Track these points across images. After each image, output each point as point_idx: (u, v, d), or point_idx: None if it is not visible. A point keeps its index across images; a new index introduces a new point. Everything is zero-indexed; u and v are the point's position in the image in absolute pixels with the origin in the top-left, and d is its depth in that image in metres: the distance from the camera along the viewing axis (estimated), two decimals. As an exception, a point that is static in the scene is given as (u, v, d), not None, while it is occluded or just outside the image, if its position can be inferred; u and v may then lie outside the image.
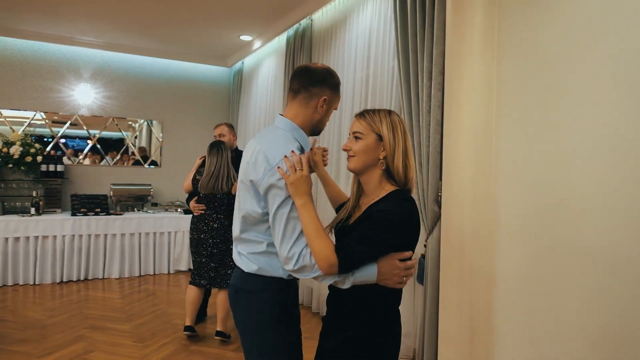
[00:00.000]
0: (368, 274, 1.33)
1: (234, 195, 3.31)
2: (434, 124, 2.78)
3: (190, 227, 3.45)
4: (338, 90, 1.58)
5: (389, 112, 1.44)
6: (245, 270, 1.51)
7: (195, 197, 3.43)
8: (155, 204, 5.89)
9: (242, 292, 1.53)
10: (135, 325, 3.70)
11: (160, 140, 6.25)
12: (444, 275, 2.65)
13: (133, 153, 6.15)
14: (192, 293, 3.38)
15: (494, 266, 2.49)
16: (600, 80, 1.96)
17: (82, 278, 5.06)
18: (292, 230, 1.37)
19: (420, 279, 2.87)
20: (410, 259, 1.40)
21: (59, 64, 5.64)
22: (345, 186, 3.78)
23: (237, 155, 3.72)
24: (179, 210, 5.88)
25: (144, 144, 6.26)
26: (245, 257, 1.53)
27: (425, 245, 2.83)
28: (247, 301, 1.52)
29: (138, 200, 5.85)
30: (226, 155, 3.37)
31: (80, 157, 5.81)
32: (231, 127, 3.82)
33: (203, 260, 3.34)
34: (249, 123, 5.98)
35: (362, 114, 1.44)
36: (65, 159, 5.69)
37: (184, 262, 5.60)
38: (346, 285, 1.35)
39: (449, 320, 2.62)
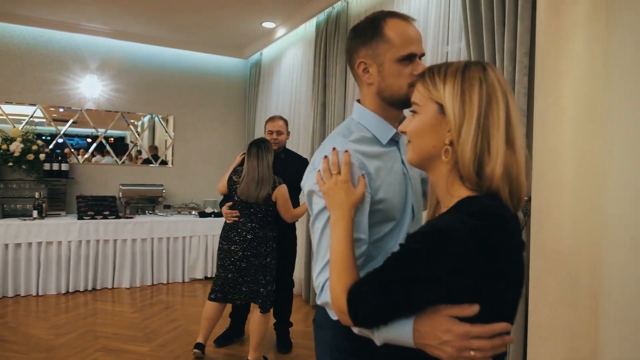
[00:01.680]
0: (400, 332, 0.86)
1: (273, 203, 2.85)
2: (519, 114, 2.34)
3: (221, 235, 2.98)
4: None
5: (467, 65, 0.89)
6: None
7: (230, 203, 2.96)
8: (167, 206, 5.44)
9: (314, 324, 1.25)
10: (155, 346, 3.25)
11: (172, 137, 5.79)
12: (535, 297, 2.21)
13: (139, 152, 5.69)
14: (210, 308, 2.94)
15: (601, 287, 2.05)
16: None
17: (89, 288, 4.60)
18: (324, 250, 1.03)
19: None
20: (486, 321, 0.82)
21: (62, 54, 5.18)
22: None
23: (287, 156, 3.26)
24: (193, 213, 5.43)
25: (145, 142, 5.80)
26: None
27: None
28: (316, 337, 1.24)
29: (149, 202, 5.39)
30: (268, 158, 2.86)
31: (87, 155, 5.35)
32: (287, 123, 3.31)
33: (229, 275, 2.86)
34: (269, 119, 5.52)
35: (423, 74, 0.94)
36: (72, 158, 5.24)
37: (200, 269, 5.15)
38: (377, 341, 0.92)
39: (542, 352, 2.18)
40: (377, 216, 1.08)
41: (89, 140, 5.39)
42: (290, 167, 3.10)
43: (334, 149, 1.05)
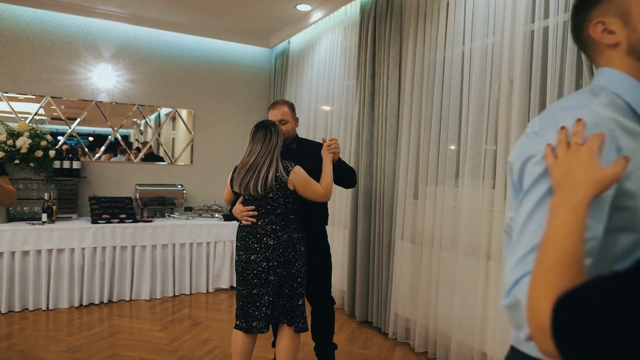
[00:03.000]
0: None
1: (292, 193, 2.28)
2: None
3: (236, 245, 2.38)
4: None
5: None
6: None
7: (240, 198, 2.36)
8: (189, 208, 4.95)
9: None
10: (192, 375, 2.76)
11: (192, 132, 5.30)
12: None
13: (151, 150, 5.17)
14: (238, 340, 2.33)
15: None
16: None
17: (105, 300, 4.11)
18: (531, 233, 0.74)
19: None
20: None
21: (74, 40, 4.69)
22: None
23: (299, 145, 2.68)
24: (217, 215, 4.94)
25: (149, 140, 5.30)
26: None
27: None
28: None
29: (168, 204, 4.91)
30: (275, 141, 2.30)
31: (99, 154, 4.86)
32: (293, 109, 2.71)
33: (254, 292, 2.26)
34: (300, 116, 5.04)
35: None
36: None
37: (225, 278, 4.66)
38: None
39: None
40: (617, 218, 0.75)
41: (91, 138, 4.87)
42: (303, 155, 2.53)
43: (579, 120, 0.76)
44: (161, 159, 5.19)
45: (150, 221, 4.45)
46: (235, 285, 4.66)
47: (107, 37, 4.83)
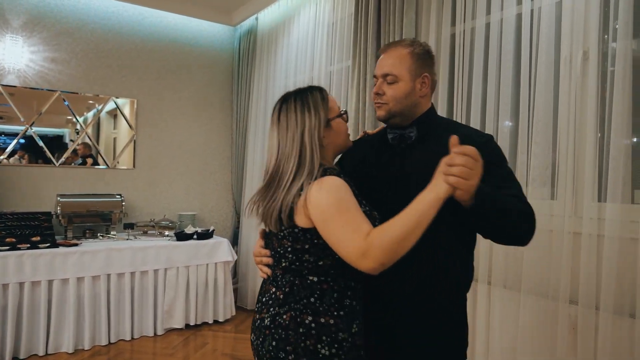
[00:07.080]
0: None
1: (304, 234, 1.15)
2: None
3: None
4: None
5: None
6: None
7: (260, 229, 1.36)
8: (129, 225, 3.83)
9: None
10: None
11: (133, 128, 4.19)
12: None
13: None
14: None
15: None
16: None
17: (7, 359, 2.95)
18: None
19: None
20: None
21: (-33, 1, 3.49)
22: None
23: (426, 133, 1.33)
24: (167, 234, 3.87)
25: (77, 140, 4.15)
26: None
27: None
28: None
29: (102, 220, 3.78)
30: (301, 122, 1.22)
31: (3, 156, 3.65)
32: (421, 56, 1.32)
33: None
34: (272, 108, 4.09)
35: None
36: (-22, 156, 3.53)
37: (178, 315, 3.61)
38: None
39: None
40: None
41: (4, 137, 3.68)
42: (430, 156, 1.16)
43: None
44: (96, 163, 4.04)
45: (76, 244, 3.33)
46: (191, 324, 3.68)
47: (16, 1, 3.64)
